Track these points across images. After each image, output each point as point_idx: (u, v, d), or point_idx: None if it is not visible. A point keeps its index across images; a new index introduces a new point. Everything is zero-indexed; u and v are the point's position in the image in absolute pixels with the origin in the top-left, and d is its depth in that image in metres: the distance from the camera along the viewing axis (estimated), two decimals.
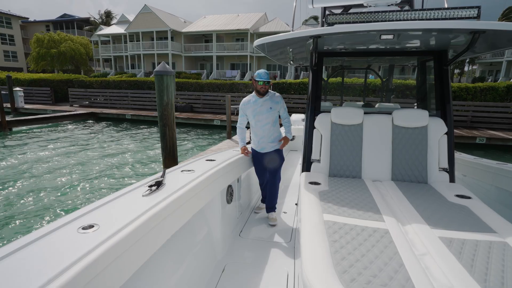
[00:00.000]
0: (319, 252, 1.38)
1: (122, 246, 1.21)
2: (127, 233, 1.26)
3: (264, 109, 3.02)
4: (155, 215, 1.48)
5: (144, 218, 1.40)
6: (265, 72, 2.95)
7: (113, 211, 1.47)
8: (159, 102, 6.00)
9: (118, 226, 1.28)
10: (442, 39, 2.45)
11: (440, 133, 2.66)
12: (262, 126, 3.08)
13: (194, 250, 2.14)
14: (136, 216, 1.40)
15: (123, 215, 1.40)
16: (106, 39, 35.25)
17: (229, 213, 2.92)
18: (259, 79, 2.90)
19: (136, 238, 1.31)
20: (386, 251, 1.41)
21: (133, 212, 1.45)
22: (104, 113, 16.99)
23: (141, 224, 1.36)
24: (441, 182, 2.55)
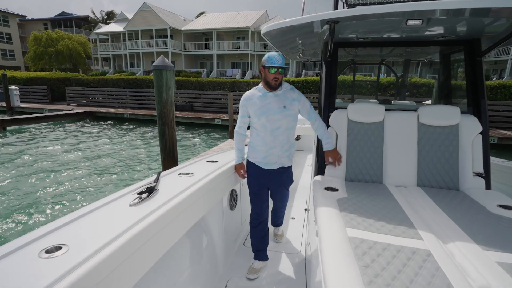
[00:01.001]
0: (348, 280, 1.10)
1: (99, 272, 1.00)
2: (106, 255, 1.04)
3: (275, 106, 2.16)
4: (144, 230, 1.27)
5: (130, 235, 1.18)
6: (278, 54, 2.08)
7: (89, 226, 1.23)
8: (158, 99, 5.58)
9: (95, 247, 1.06)
10: (476, 24, 2.12)
11: (474, 132, 2.35)
12: (273, 130, 2.18)
13: (192, 265, 1.92)
14: (120, 232, 1.18)
15: (102, 232, 1.18)
16: (104, 38, 34.84)
17: (233, 220, 2.67)
18: (271, 64, 2.04)
19: (119, 260, 1.10)
20: (435, 282, 1.12)
21: (116, 227, 1.23)
22: (102, 112, 16.61)
23: (126, 242, 1.14)
24: (476, 189, 2.24)
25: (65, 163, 8.01)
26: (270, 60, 2.07)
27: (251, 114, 2.21)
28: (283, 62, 2.08)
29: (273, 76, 2.07)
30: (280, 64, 2.06)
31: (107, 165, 8.00)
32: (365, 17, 1.99)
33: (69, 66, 33.25)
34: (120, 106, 18.47)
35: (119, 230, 1.20)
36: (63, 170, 7.39)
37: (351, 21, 2.11)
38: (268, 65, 2.06)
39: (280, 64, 2.07)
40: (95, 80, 20.11)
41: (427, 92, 14.16)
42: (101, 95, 19.21)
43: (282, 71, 2.09)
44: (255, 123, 2.21)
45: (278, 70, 2.06)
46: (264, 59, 2.12)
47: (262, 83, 2.18)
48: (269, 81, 2.10)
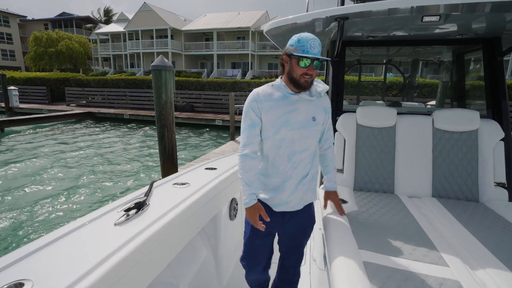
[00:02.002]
0: None
1: None
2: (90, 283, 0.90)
3: (302, 117, 1.42)
4: (131, 254, 1.12)
5: (113, 261, 1.03)
6: (315, 39, 1.33)
7: (62, 254, 1.05)
8: (157, 100, 5.41)
9: (67, 281, 0.89)
10: (497, 21, 1.96)
11: (496, 139, 2.18)
12: (295, 153, 1.43)
13: (188, 280, 1.75)
14: (100, 259, 1.02)
15: (78, 260, 1.01)
16: (105, 38, 34.72)
17: (233, 231, 2.50)
18: (303, 54, 1.30)
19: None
20: None
21: (96, 253, 1.06)
22: (102, 113, 16.47)
23: (108, 272, 0.99)
24: (498, 201, 2.07)
25: (59, 165, 7.85)
26: (302, 47, 1.31)
27: (265, 124, 1.42)
28: (320, 51, 1.34)
29: (303, 72, 1.33)
30: (316, 54, 1.31)
31: (103, 168, 7.84)
32: (378, 13, 1.81)
33: (70, 67, 33.16)
34: (120, 107, 18.32)
35: (100, 257, 1.04)
36: (55, 174, 7.23)
37: (361, 18, 1.95)
38: (298, 54, 1.31)
39: (317, 53, 1.32)
40: (95, 80, 19.97)
41: (429, 92, 14.01)
42: (101, 95, 19.07)
43: (319, 64, 1.35)
44: (268, 138, 1.43)
45: (312, 63, 1.32)
46: (291, 44, 1.36)
47: (285, 78, 1.43)
48: (296, 78, 1.36)
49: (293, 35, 1.38)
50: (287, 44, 1.39)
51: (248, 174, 1.42)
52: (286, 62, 1.40)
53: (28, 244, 1.11)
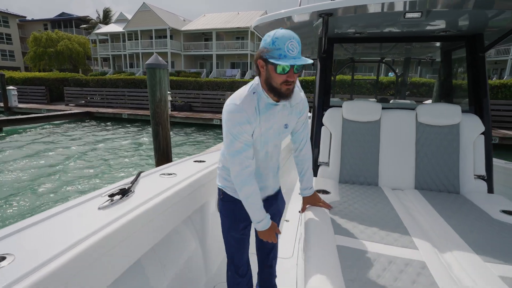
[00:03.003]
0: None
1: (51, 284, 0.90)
2: (60, 264, 0.94)
3: (278, 125, 1.35)
4: (112, 234, 1.17)
5: (94, 240, 1.09)
6: (292, 38, 1.11)
7: (45, 233, 1.12)
8: (151, 98, 5.47)
9: (46, 256, 0.95)
10: (479, 18, 2.01)
11: (476, 132, 2.23)
12: (267, 154, 1.43)
13: (173, 269, 1.80)
14: (80, 238, 1.08)
15: (60, 238, 1.07)
16: (104, 38, 34.81)
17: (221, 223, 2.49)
18: (280, 62, 1.10)
19: (76, 269, 1.01)
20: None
21: (78, 232, 1.12)
22: (100, 113, 16.51)
23: (87, 249, 1.04)
24: (477, 193, 2.11)
25: (55, 163, 7.90)
26: (279, 50, 1.10)
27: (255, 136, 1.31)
28: (299, 51, 1.14)
29: (284, 79, 1.16)
30: (296, 58, 1.12)
31: (99, 166, 7.89)
32: (361, 9, 1.86)
33: (69, 67, 33.25)
34: (119, 106, 18.37)
35: (81, 235, 1.09)
36: (53, 171, 7.29)
37: (346, 14, 1.98)
38: (274, 60, 1.11)
39: (297, 57, 1.12)
40: (94, 80, 20.04)
41: (427, 91, 14.06)
42: (100, 95, 19.12)
43: (300, 68, 1.16)
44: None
45: (293, 67, 1.14)
46: (265, 45, 1.14)
47: (263, 84, 1.24)
48: (277, 88, 1.19)
49: None
50: (261, 44, 1.18)
51: (255, 196, 1.33)
52: (262, 67, 1.18)
53: (13, 224, 1.17)
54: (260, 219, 1.35)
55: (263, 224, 1.36)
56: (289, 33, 1.13)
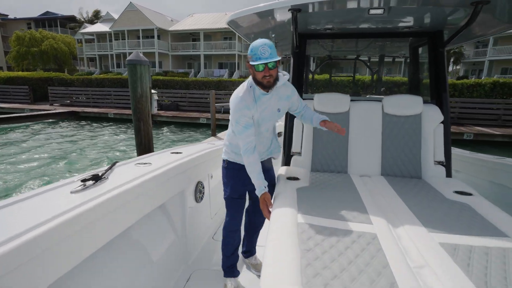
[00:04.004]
0: (285, 265, 1.07)
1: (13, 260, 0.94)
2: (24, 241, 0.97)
3: (271, 110, 1.77)
4: (82, 215, 1.19)
5: (63, 219, 1.11)
6: (264, 44, 1.54)
7: (14, 215, 1.14)
8: (132, 94, 5.56)
9: (11, 233, 0.98)
10: (438, 16, 2.18)
11: (436, 122, 2.37)
12: (261, 133, 1.86)
13: (152, 254, 1.83)
14: (49, 218, 1.10)
15: (28, 220, 1.08)
16: (90, 38, 34.30)
17: (200, 213, 2.58)
18: (256, 62, 1.54)
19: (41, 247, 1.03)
20: (373, 263, 1.11)
21: (48, 212, 1.13)
22: (86, 112, 16.37)
23: (56, 227, 1.07)
24: (437, 177, 2.25)
25: (35, 162, 7.87)
26: (255, 55, 1.54)
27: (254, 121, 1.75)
28: (272, 53, 1.54)
29: (262, 75, 1.58)
30: (268, 58, 1.53)
31: (80, 165, 7.91)
32: (327, 5, 1.95)
33: (54, 67, 32.60)
34: (105, 106, 18.21)
35: (50, 215, 1.11)
36: (28, 170, 7.27)
37: (313, 10, 2.07)
38: (252, 62, 1.56)
39: (269, 57, 1.53)
40: (79, 79, 19.79)
41: (408, 90, 14.50)
42: (85, 95, 18.91)
43: (274, 65, 1.57)
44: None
45: (267, 65, 1.56)
46: (248, 53, 1.61)
47: (252, 81, 1.69)
48: (260, 81, 1.62)
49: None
50: (248, 52, 1.63)
51: (256, 165, 1.69)
52: (250, 69, 1.65)
53: None
54: (258, 185, 1.68)
55: (259, 190, 1.68)
56: (262, 41, 1.56)
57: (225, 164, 1.96)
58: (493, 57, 25.02)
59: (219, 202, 3.09)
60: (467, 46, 27.41)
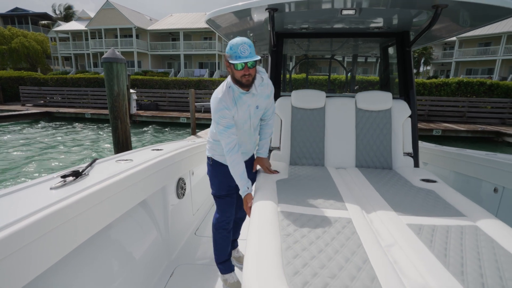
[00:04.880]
0: (267, 249, 1.13)
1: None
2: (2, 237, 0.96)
3: (251, 108, 1.77)
4: (62, 211, 1.18)
5: (43, 215, 1.10)
6: (243, 43, 1.53)
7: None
8: (109, 92, 5.56)
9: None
10: (404, 17, 2.37)
11: (404, 116, 2.54)
12: (255, 130, 1.92)
13: (134, 250, 1.85)
14: (29, 213, 1.09)
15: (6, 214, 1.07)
16: (65, 36, 33.07)
17: (182, 210, 2.63)
18: (236, 61, 1.52)
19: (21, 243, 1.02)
20: (348, 244, 1.21)
21: (28, 208, 1.13)
22: (61, 113, 15.84)
23: (34, 223, 1.06)
24: (406, 167, 2.43)
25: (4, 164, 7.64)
26: (235, 53, 1.51)
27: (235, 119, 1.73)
28: (252, 52, 1.53)
29: (242, 74, 1.58)
30: (248, 57, 1.52)
31: (56, 165, 7.75)
32: (302, 5, 2.07)
33: (26, 66, 31.17)
34: (81, 106, 17.70)
35: (30, 211, 1.11)
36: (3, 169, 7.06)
37: (289, 9, 2.17)
38: (231, 61, 1.53)
39: (248, 56, 1.52)
40: (53, 79, 19.10)
41: (379, 88, 15.14)
42: (60, 95, 18.27)
43: (253, 64, 1.57)
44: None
45: (246, 64, 1.55)
46: (227, 52, 1.56)
47: (232, 80, 1.66)
48: (239, 80, 1.61)
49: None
50: (226, 50, 1.59)
51: (239, 166, 1.70)
52: (228, 68, 1.63)
53: None
54: (241, 186, 1.72)
55: (242, 190, 1.71)
56: (242, 39, 1.55)
57: (210, 162, 1.93)
58: (458, 59, 26.59)
59: (201, 199, 3.16)
60: (436, 47, 28.92)
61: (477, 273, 1.06)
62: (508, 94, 13.44)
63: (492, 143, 11.24)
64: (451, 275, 1.04)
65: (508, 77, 23.10)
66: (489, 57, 24.72)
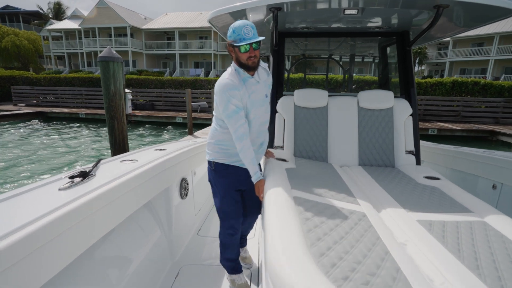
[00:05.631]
0: (289, 229, 1.08)
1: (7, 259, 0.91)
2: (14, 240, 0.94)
3: (259, 97, 1.70)
4: (73, 212, 1.18)
5: (52, 218, 1.08)
6: (246, 24, 1.52)
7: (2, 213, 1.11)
8: (105, 92, 5.47)
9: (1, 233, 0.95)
10: (404, 17, 2.39)
11: (406, 114, 2.57)
12: (261, 125, 1.77)
13: (138, 252, 1.84)
14: (39, 215, 1.07)
15: (17, 218, 1.05)
16: (58, 35, 32.60)
17: (185, 210, 2.62)
18: (241, 43, 1.51)
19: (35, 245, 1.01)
20: (367, 235, 1.21)
21: (38, 210, 1.11)
22: (54, 113, 15.59)
23: (45, 226, 1.04)
24: (408, 165, 2.45)
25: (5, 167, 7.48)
26: (238, 35, 1.50)
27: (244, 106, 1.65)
28: (255, 33, 1.53)
29: (247, 56, 1.55)
30: (252, 38, 1.50)
31: (52, 166, 7.62)
32: (307, 4, 2.08)
33: (18, 65, 30.66)
34: (76, 106, 17.47)
35: (39, 213, 1.09)
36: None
37: (293, 9, 2.18)
38: (237, 44, 1.52)
39: (252, 37, 1.51)
40: (46, 78, 18.81)
41: (378, 87, 15.27)
42: (54, 94, 18.00)
43: (258, 45, 1.56)
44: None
45: (251, 46, 1.53)
46: (229, 36, 1.56)
47: (235, 65, 1.64)
48: (244, 63, 1.58)
49: None
50: (227, 36, 1.58)
51: (250, 154, 1.60)
52: (232, 52, 1.60)
53: None
54: (253, 171, 1.62)
55: (255, 176, 1.62)
56: (243, 21, 1.53)
57: (212, 166, 1.77)
58: (452, 59, 26.89)
59: (203, 199, 3.14)
60: (430, 47, 29.21)
61: (492, 267, 1.08)
62: (501, 94, 13.62)
63: (486, 142, 11.37)
64: (468, 270, 1.06)
65: (501, 77, 23.41)
66: (482, 57, 25.05)
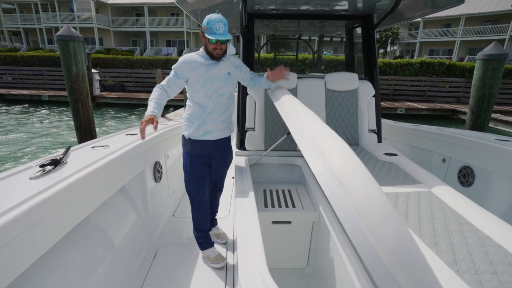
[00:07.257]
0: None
1: None
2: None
3: (220, 73, 1.89)
4: (46, 201, 1.17)
5: (25, 208, 1.07)
6: (220, 21, 1.72)
7: None
8: (67, 74, 5.19)
9: None
10: (369, 1, 2.46)
11: (369, 95, 2.72)
12: (215, 98, 1.91)
13: (115, 235, 1.87)
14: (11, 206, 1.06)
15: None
16: (10, 7, 29.53)
17: (160, 193, 2.67)
18: (210, 36, 1.71)
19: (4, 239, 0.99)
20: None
21: (9, 201, 1.09)
22: (13, 95, 14.49)
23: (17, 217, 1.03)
24: (370, 143, 2.63)
25: None
26: (210, 28, 1.72)
27: (192, 82, 1.84)
28: (225, 31, 1.74)
29: (213, 47, 1.78)
30: (221, 35, 1.72)
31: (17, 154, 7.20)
32: None
33: None
34: (37, 88, 16.26)
35: (12, 204, 1.08)
36: None
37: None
38: (207, 35, 1.72)
39: (222, 35, 1.73)
40: (0, 57, 17.19)
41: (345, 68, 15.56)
42: (11, 74, 16.59)
43: (225, 41, 1.79)
44: (196, 91, 1.86)
45: (219, 41, 1.76)
46: (204, 24, 1.75)
47: (204, 49, 1.86)
48: (210, 52, 1.81)
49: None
50: (203, 23, 1.76)
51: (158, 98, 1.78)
52: (202, 38, 1.81)
53: None
54: (150, 107, 1.75)
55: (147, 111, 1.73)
56: (219, 17, 1.73)
57: (183, 141, 2.00)
58: (423, 39, 27.77)
59: (177, 181, 3.19)
60: (402, 28, 29.86)
61: (431, 228, 1.32)
62: (464, 74, 14.37)
63: (448, 120, 12.10)
64: (412, 232, 1.27)
65: (465, 57, 24.58)
66: (449, 38, 26.05)
